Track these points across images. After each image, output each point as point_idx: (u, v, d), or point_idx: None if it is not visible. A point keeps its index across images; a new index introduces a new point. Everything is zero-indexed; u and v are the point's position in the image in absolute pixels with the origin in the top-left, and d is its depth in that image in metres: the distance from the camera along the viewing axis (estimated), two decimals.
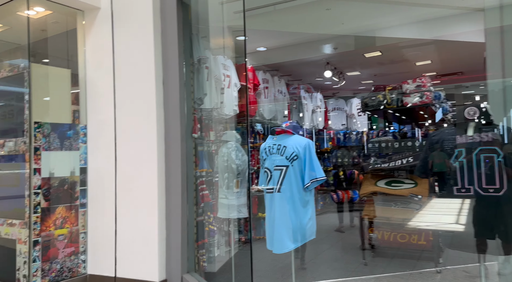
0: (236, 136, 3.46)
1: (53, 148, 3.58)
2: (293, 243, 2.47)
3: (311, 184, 2.49)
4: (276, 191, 2.50)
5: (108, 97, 3.68)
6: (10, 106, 3.69)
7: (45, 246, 3.44)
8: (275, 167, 2.55)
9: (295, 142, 2.54)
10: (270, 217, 2.59)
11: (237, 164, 3.13)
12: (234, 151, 3.17)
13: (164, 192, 3.44)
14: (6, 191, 3.70)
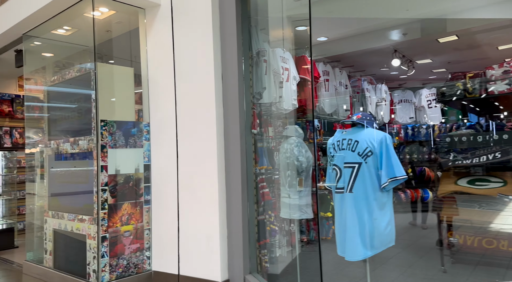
0: (298, 130, 3.26)
1: (118, 146, 3.66)
2: (369, 250, 2.21)
3: (389, 183, 2.21)
4: (347, 191, 2.27)
5: (169, 94, 3.67)
6: (80, 105, 3.84)
7: (112, 242, 3.53)
8: (345, 164, 2.31)
9: (369, 136, 2.28)
10: (340, 220, 2.36)
11: (300, 161, 2.94)
12: (297, 147, 2.98)
13: (225, 189, 3.35)
14: (77, 187, 3.86)
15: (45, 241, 4.19)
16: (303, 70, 4.61)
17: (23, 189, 7.10)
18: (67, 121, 4.03)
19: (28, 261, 4.39)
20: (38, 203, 4.53)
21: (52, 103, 4.29)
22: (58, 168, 4.13)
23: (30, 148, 4.72)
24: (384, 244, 2.29)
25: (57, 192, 4.14)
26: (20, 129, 7.32)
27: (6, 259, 5.19)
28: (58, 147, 4.05)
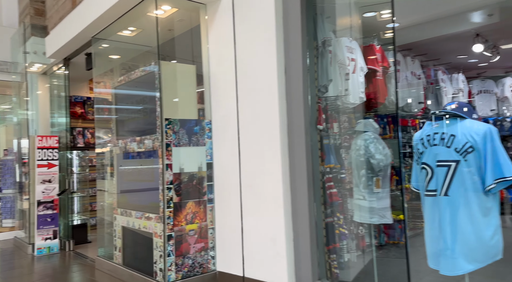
0: (373, 125, 2.98)
1: (182, 144, 3.63)
2: (470, 263, 1.88)
3: (497, 185, 1.85)
4: (442, 194, 1.95)
5: (230, 91, 3.57)
6: (145, 105, 3.88)
7: (178, 241, 3.51)
8: (438, 162, 1.99)
9: (469, 129, 1.93)
10: (433, 227, 2.04)
11: (377, 159, 2.66)
12: (373, 143, 2.71)
13: (289, 189, 3.17)
14: (143, 185, 3.91)
15: (115, 238, 4.32)
16: (371, 60, 4.27)
17: (94, 186, 7.52)
18: (133, 121, 4.10)
19: (99, 257, 4.57)
20: (108, 201, 4.70)
21: (119, 103, 4.41)
22: (125, 167, 4.22)
23: (100, 148, 4.91)
24: (489, 257, 1.93)
25: (125, 190, 4.25)
26: (91, 130, 7.75)
27: (80, 254, 5.48)
28: (126, 146, 4.14)
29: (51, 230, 5.66)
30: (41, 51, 5.78)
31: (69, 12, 5.01)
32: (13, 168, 7.23)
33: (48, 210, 5.67)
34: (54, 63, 5.96)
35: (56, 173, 5.81)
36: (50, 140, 5.81)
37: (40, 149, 5.68)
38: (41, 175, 5.65)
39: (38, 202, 5.60)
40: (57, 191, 5.78)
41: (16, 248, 6.07)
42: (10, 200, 7.30)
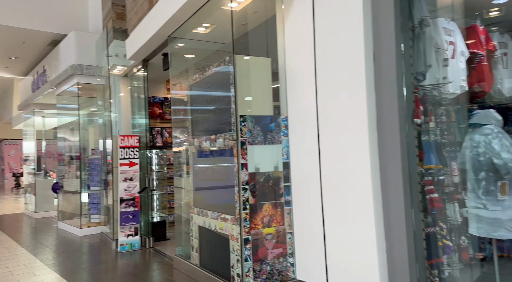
0: (495, 116, 2.46)
1: (257, 142, 3.41)
2: None
3: None
4: None
5: (309, 83, 3.26)
6: (219, 102, 3.74)
7: (255, 245, 3.30)
8: None
9: None
10: None
11: (503, 159, 2.16)
12: (498, 139, 2.21)
13: (380, 192, 2.77)
14: (218, 185, 3.78)
15: (191, 238, 4.26)
16: (473, 43, 3.65)
17: (172, 184, 7.72)
18: (208, 119, 3.99)
19: (177, 256, 4.56)
20: (185, 199, 4.68)
21: (194, 102, 4.34)
22: (200, 165, 4.14)
23: (177, 147, 4.92)
24: None
25: (201, 189, 4.16)
26: (169, 129, 7.97)
27: (159, 251, 5.59)
28: (200, 145, 4.05)
29: (132, 227, 5.86)
30: (122, 54, 6.01)
31: (146, 13, 5.10)
32: (99, 166, 7.71)
33: (129, 207, 5.88)
34: (134, 64, 6.17)
35: (137, 171, 6.00)
36: (131, 139, 6.02)
37: (122, 148, 5.91)
38: (123, 173, 5.88)
39: (121, 199, 5.83)
40: (138, 189, 5.98)
41: (102, 243, 6.42)
42: (97, 197, 7.80)
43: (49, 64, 8.68)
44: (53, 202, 10.46)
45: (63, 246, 6.21)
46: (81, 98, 7.78)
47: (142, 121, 6.71)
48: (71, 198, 8.71)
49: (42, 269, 4.83)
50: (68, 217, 8.56)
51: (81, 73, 7.23)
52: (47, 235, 7.39)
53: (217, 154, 3.78)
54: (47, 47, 8.51)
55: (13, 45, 8.30)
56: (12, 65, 9.78)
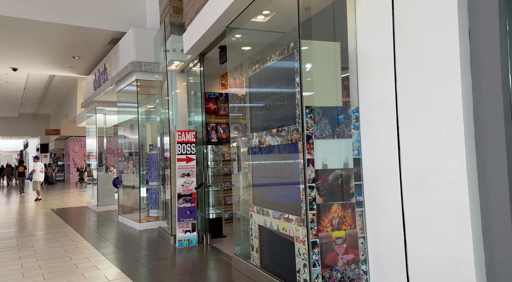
0: None
1: (324, 136, 3.10)
2: None
3: None
4: None
5: (386, 69, 2.89)
6: (282, 93, 3.48)
7: (323, 249, 3.00)
8: None
9: None
10: None
11: None
12: None
13: (478, 195, 2.34)
14: (281, 182, 3.52)
15: (251, 237, 4.06)
16: None
17: (228, 180, 7.62)
18: (269, 112, 3.74)
19: (236, 255, 4.38)
20: (243, 197, 4.48)
21: (253, 95, 4.12)
22: (261, 161, 3.91)
23: (235, 142, 4.74)
24: None
25: (260, 187, 3.93)
26: (223, 125, 7.88)
27: (216, 248, 5.47)
28: (261, 140, 3.81)
29: (190, 223, 5.81)
30: (179, 48, 5.96)
31: (203, 4, 4.96)
32: (157, 162, 7.80)
33: (187, 203, 5.83)
34: (191, 59, 6.10)
35: (194, 167, 5.93)
36: (188, 134, 5.95)
37: (179, 144, 5.86)
38: (180, 169, 5.83)
39: (178, 195, 5.79)
40: (195, 184, 5.91)
41: (160, 238, 6.45)
42: (155, 192, 7.91)
43: (109, 62, 8.96)
44: (114, 196, 10.88)
45: (124, 240, 6.32)
46: (139, 96, 7.91)
47: (198, 117, 6.65)
48: (130, 193, 8.95)
49: (104, 263, 4.89)
50: (127, 211, 8.81)
51: (139, 70, 7.34)
52: (108, 228, 7.61)
53: (279, 150, 3.52)
54: (108, 45, 8.78)
55: (76, 44, 8.65)
56: (75, 64, 10.26)
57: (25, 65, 10.29)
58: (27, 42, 8.45)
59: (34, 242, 6.36)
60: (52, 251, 5.60)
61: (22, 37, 8.19)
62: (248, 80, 4.16)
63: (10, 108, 22.37)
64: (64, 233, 7.08)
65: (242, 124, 4.67)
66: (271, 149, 3.67)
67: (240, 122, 4.86)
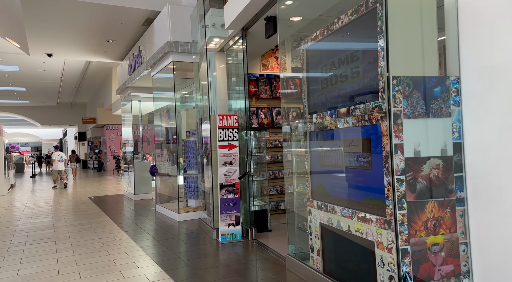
0: None
1: (417, 115, 2.43)
2: None
3: None
4: None
5: (502, 26, 2.16)
6: (355, 62, 2.81)
7: (415, 259, 2.36)
8: None
9: None
10: None
11: None
12: None
13: None
14: (353, 174, 2.88)
15: (310, 237, 3.47)
16: None
17: (272, 169, 7.05)
18: (335, 88, 3.09)
19: (291, 256, 3.82)
20: (298, 189, 3.89)
21: (313, 68, 3.46)
22: (323, 148, 3.28)
23: (287, 125, 4.12)
24: None
25: (323, 178, 3.31)
26: (264, 109, 7.27)
27: (263, 245, 4.93)
28: (323, 121, 3.18)
29: (233, 216, 5.30)
30: (219, 23, 5.38)
31: None
32: (196, 149, 7.34)
33: (230, 194, 5.31)
34: (232, 35, 5.50)
35: (236, 154, 5.39)
36: (230, 119, 5.40)
37: (221, 129, 5.33)
38: (222, 157, 5.31)
39: (221, 185, 5.28)
40: (238, 174, 5.37)
41: (201, 230, 6.00)
42: (193, 181, 7.47)
43: (144, 45, 8.53)
44: (151, 184, 10.62)
45: (163, 233, 5.93)
46: (175, 80, 7.43)
47: (240, 101, 6.08)
48: (168, 181, 8.59)
49: (143, 259, 4.47)
50: (165, 200, 8.47)
51: (176, 51, 6.83)
52: (146, 218, 7.28)
53: (350, 133, 2.87)
54: (142, 27, 8.34)
55: (110, 27, 8.27)
56: (109, 49, 9.94)
57: (59, 50, 10.08)
58: (61, 25, 8.16)
59: (71, 233, 6.09)
60: (89, 244, 5.28)
61: (55, 21, 7.89)
62: (305, 52, 3.51)
63: (48, 97, 22.84)
64: (101, 224, 6.80)
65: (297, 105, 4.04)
66: (338, 132, 3.03)
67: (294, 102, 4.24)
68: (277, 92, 7.27)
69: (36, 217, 7.81)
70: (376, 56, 2.49)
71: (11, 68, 15.77)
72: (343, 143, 2.98)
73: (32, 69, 15.65)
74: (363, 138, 2.72)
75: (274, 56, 7.34)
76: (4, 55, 13.38)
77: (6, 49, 12.51)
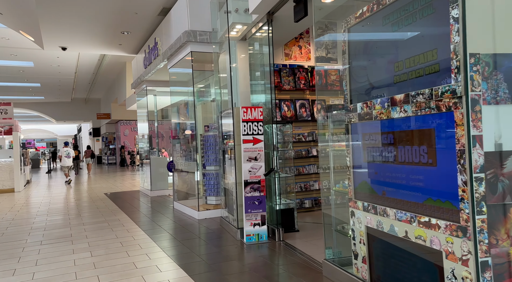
0: None
1: (498, 100, 2.02)
2: None
3: None
4: None
5: None
6: (416, 38, 2.40)
7: (497, 274, 1.97)
8: None
9: None
10: None
11: None
12: None
13: None
14: (410, 171, 2.48)
15: (354, 241, 3.09)
16: None
17: (298, 164, 6.67)
18: (387, 72, 2.68)
19: (328, 261, 3.45)
20: (336, 188, 3.50)
21: (358, 50, 3.06)
22: (371, 141, 2.88)
23: (322, 118, 3.74)
24: None
25: (369, 175, 2.92)
26: (287, 102, 6.88)
27: (292, 246, 4.57)
28: (371, 111, 2.78)
29: (259, 215, 4.95)
30: (243, 8, 5.00)
31: None
32: (215, 144, 7.00)
33: (255, 192, 4.96)
34: (256, 21, 5.11)
35: (261, 149, 5.03)
36: (255, 111, 5.04)
37: (245, 122, 4.97)
38: (246, 152, 4.96)
39: (245, 182, 4.93)
40: (263, 170, 5.01)
41: (223, 230, 5.67)
42: (213, 177, 7.14)
43: (160, 36, 8.21)
44: (167, 180, 10.36)
45: (183, 232, 5.62)
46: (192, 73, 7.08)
47: (263, 92, 5.71)
48: (185, 177, 8.30)
49: (165, 262, 4.16)
50: (182, 196, 8.18)
51: (194, 40, 6.48)
52: (164, 216, 7.00)
53: (407, 123, 2.48)
54: (158, 17, 8.01)
55: (125, 17, 7.97)
56: (124, 41, 9.66)
57: (74, 43, 9.84)
58: (75, 17, 7.89)
59: (88, 231, 5.84)
60: (108, 244, 5.00)
61: (70, 12, 7.62)
62: (348, 32, 3.10)
63: (63, 93, 22.82)
64: (119, 222, 6.53)
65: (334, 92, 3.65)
66: (391, 123, 2.63)
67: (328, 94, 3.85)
68: (301, 83, 6.86)
69: (52, 214, 7.61)
70: (448, 30, 2.08)
71: (26, 64, 15.69)
72: (397, 136, 2.58)
73: (46, 65, 15.53)
74: (425, 129, 2.32)
75: (298, 45, 6.93)
76: (19, 50, 13.26)
77: (21, 44, 12.37)
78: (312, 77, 6.89)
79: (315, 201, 6.74)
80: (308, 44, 6.99)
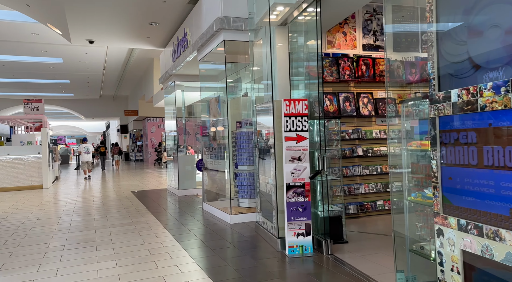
0: None
1: None
2: None
3: None
4: None
5: None
6: None
7: None
8: None
9: None
10: None
11: None
12: None
13: None
14: (489, 177, 1.79)
15: (441, 268, 2.41)
16: None
17: (346, 165, 6.00)
18: (501, 40, 1.99)
19: None
20: (409, 198, 2.83)
21: (452, 6, 2.37)
22: (470, 141, 2.19)
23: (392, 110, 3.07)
24: None
25: (466, 185, 2.23)
26: (329, 95, 6.20)
27: (344, 262, 3.92)
28: (476, 99, 2.09)
29: (303, 224, 4.32)
30: None
31: None
32: (249, 142, 6.42)
33: (299, 197, 4.34)
34: (300, 1, 4.47)
35: (306, 148, 4.40)
36: (299, 105, 4.41)
37: (287, 117, 4.35)
38: (289, 151, 4.34)
39: (287, 185, 4.31)
40: (308, 172, 4.38)
41: (260, 238, 5.07)
42: (246, 178, 6.57)
43: (189, 26, 7.70)
44: (195, 179, 9.89)
45: (216, 239, 5.07)
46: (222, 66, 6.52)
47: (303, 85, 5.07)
48: (215, 177, 7.77)
49: (199, 277, 3.61)
50: (212, 197, 7.66)
51: (228, 28, 5.91)
52: (194, 219, 6.48)
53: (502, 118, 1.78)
54: (187, 6, 7.50)
55: (153, 7, 7.50)
56: (152, 33, 9.23)
57: (101, 36, 9.51)
58: (102, 8, 7.49)
59: (113, 235, 5.39)
60: (134, 252, 4.51)
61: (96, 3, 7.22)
62: (436, 1, 2.41)
63: (91, 90, 22.91)
64: (146, 224, 6.07)
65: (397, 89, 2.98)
66: (509, 114, 1.94)
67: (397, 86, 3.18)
68: (345, 74, 6.17)
69: (78, 214, 7.25)
70: None
71: (55, 60, 15.67)
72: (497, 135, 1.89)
73: (75, 61, 15.44)
74: None
75: (342, 31, 6.23)
76: (48, 46, 13.16)
77: (50, 40, 12.23)
78: (358, 67, 6.18)
79: (361, 207, 6.04)
80: (353, 30, 6.28)
